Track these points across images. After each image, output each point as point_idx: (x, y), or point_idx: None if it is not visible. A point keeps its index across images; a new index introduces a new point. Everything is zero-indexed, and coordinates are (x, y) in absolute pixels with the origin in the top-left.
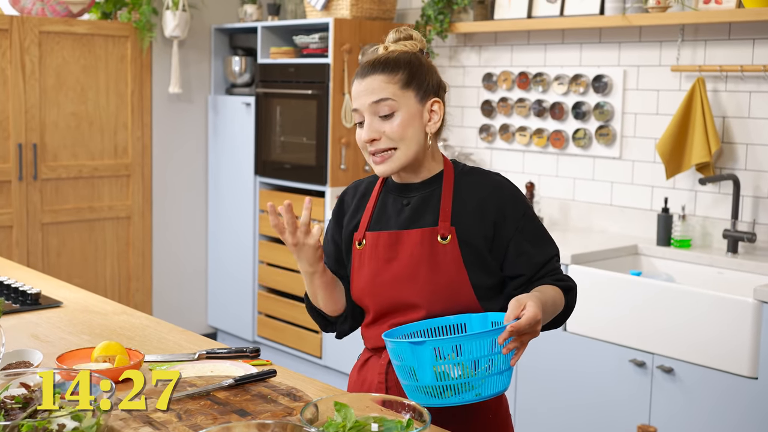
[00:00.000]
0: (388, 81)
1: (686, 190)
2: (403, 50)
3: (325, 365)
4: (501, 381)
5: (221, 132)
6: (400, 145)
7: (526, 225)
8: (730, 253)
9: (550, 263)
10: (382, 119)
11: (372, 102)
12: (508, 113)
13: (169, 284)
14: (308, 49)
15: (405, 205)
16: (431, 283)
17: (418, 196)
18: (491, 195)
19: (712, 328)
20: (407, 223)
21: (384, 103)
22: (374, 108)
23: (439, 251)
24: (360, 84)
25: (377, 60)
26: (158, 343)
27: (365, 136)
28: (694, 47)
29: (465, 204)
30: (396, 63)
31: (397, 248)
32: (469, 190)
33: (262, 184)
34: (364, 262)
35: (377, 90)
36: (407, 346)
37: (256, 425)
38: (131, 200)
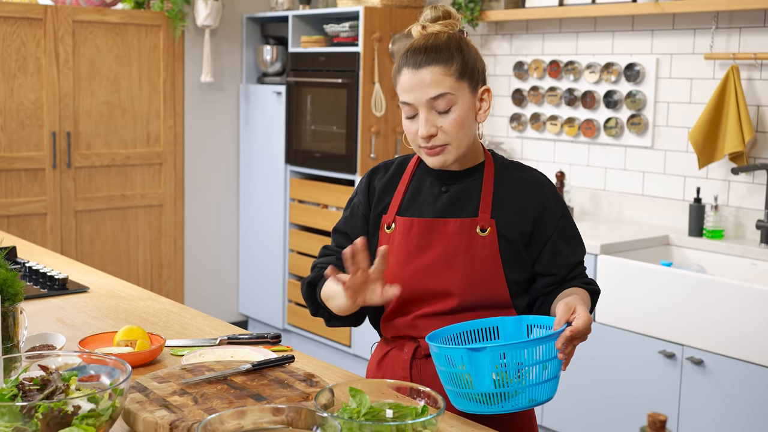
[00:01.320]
0: (445, 73)
1: (719, 179)
2: (446, 32)
3: (354, 353)
4: (553, 386)
5: (252, 121)
6: (456, 140)
7: (565, 226)
8: (763, 244)
9: (580, 266)
10: (440, 114)
11: (431, 98)
12: (539, 102)
13: (200, 272)
14: (339, 38)
15: (443, 191)
16: (467, 273)
17: (459, 185)
18: (533, 191)
19: (744, 321)
20: (445, 211)
21: (442, 99)
22: (432, 103)
23: (477, 243)
24: (414, 75)
25: (429, 47)
26: (180, 329)
27: (424, 131)
28: (728, 35)
29: (506, 198)
30: (449, 51)
31: (432, 236)
32: (511, 184)
33: (293, 173)
34: (393, 247)
35: (435, 84)
36: (465, 353)
37: (271, 409)
38: (163, 188)
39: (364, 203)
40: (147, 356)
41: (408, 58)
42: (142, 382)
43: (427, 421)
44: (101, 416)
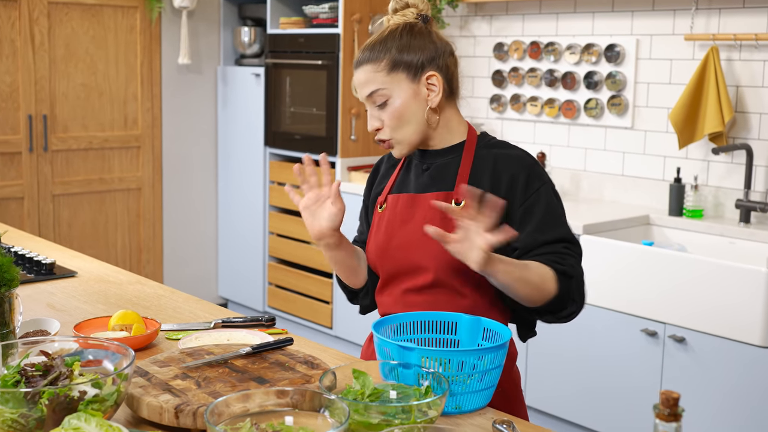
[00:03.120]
0: (375, 70)
1: (699, 160)
2: (399, 23)
3: (337, 335)
4: (483, 397)
5: (231, 103)
6: (399, 131)
7: (538, 200)
8: (742, 223)
9: (552, 245)
10: (380, 108)
11: (366, 95)
12: (519, 83)
13: (179, 255)
14: (318, 19)
15: (425, 170)
16: (442, 247)
17: (438, 163)
18: (509, 167)
19: (725, 298)
20: (424, 187)
21: (376, 94)
22: (370, 99)
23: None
24: (355, 75)
25: (366, 46)
26: (173, 312)
27: (369, 126)
28: (708, 16)
29: (483, 173)
30: (382, 46)
31: (413, 211)
32: (489, 161)
33: (272, 155)
34: (382, 225)
35: (367, 82)
36: (394, 347)
37: (275, 392)
38: (142, 172)
39: (367, 188)
40: (143, 340)
41: (354, 61)
42: (142, 366)
43: (433, 402)
44: (106, 401)
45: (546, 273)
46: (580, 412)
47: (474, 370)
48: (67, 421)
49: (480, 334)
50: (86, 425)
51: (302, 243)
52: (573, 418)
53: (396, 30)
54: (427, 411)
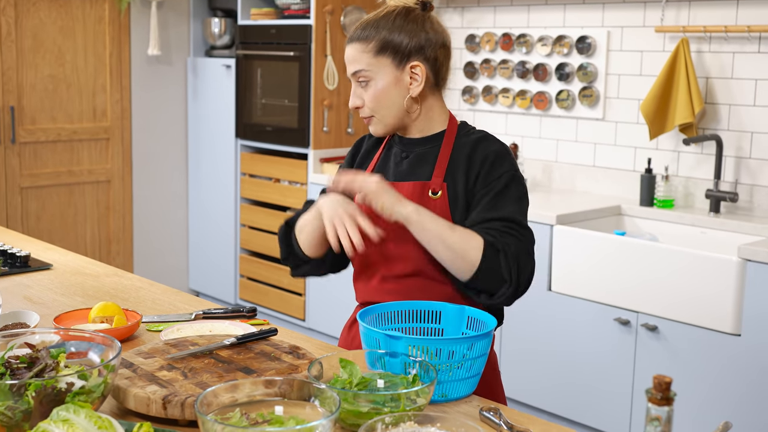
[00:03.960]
0: (362, 50)
1: (669, 150)
2: (398, 5)
3: (309, 327)
4: (469, 385)
5: (201, 94)
6: (378, 113)
7: (498, 184)
8: (712, 213)
9: (495, 222)
10: (362, 87)
11: (351, 73)
12: (491, 75)
13: (150, 248)
14: (290, 10)
15: (404, 158)
16: None
17: (417, 152)
18: (480, 153)
19: (696, 287)
20: (402, 176)
21: (360, 74)
22: (355, 77)
23: (429, 206)
24: (346, 50)
25: (359, 25)
26: (153, 304)
27: (350, 103)
28: (678, 8)
29: (459, 162)
30: (374, 28)
31: None
32: (465, 150)
33: (244, 147)
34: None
35: (354, 60)
36: (381, 336)
37: (263, 382)
38: (111, 164)
39: (348, 162)
40: (125, 332)
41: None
42: (127, 357)
43: (421, 390)
44: (93, 393)
45: (472, 240)
46: (553, 401)
47: (463, 359)
48: (55, 413)
49: (464, 323)
50: (75, 417)
51: (274, 235)
52: (546, 407)
53: (392, 12)
54: (415, 399)
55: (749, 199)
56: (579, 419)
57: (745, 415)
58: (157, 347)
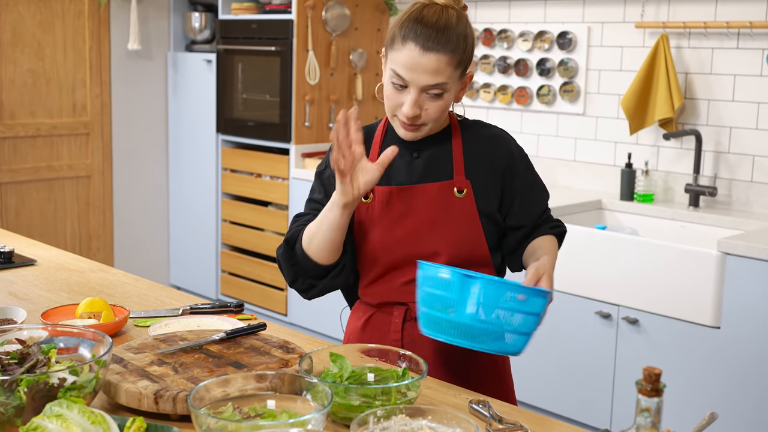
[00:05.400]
0: (448, 63)
1: (649, 145)
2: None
3: (291, 322)
4: (523, 341)
5: (182, 89)
6: (435, 122)
7: (529, 176)
8: (691, 207)
9: (547, 211)
10: (431, 98)
11: (428, 84)
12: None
13: (130, 243)
14: (271, 5)
15: (415, 158)
16: (450, 234)
17: (430, 150)
18: (499, 147)
19: (676, 280)
20: (421, 176)
21: (439, 87)
22: (427, 88)
23: (455, 204)
24: (420, 56)
25: (441, 29)
26: (140, 300)
27: (410, 112)
28: (658, 4)
29: (476, 157)
30: (458, 37)
31: (412, 202)
32: (478, 144)
33: (225, 142)
34: (374, 217)
35: (437, 72)
36: (458, 277)
37: (254, 376)
38: (91, 159)
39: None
40: (113, 328)
41: (418, 35)
42: (117, 353)
43: (412, 383)
44: (84, 388)
45: (553, 245)
46: (535, 393)
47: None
48: (48, 408)
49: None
50: (68, 412)
51: (255, 230)
52: (528, 400)
53: (462, 18)
54: (406, 392)
55: (728, 193)
56: (560, 411)
57: (726, 406)
58: (147, 342)
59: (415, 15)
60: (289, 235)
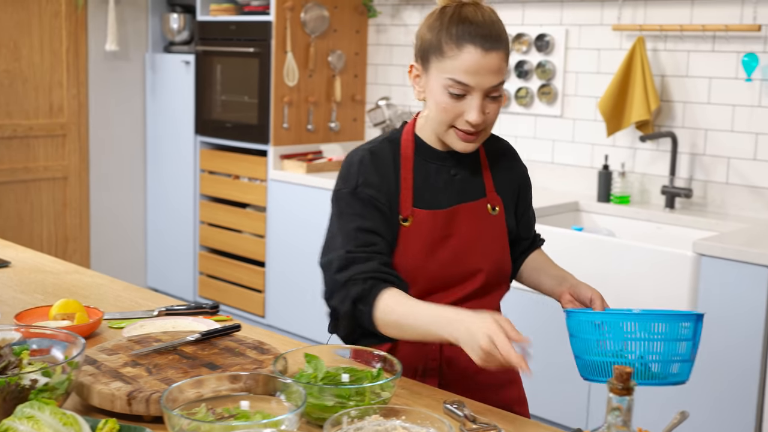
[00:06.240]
0: (505, 59)
1: (626, 147)
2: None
3: (269, 324)
4: (689, 368)
5: (160, 91)
6: (491, 127)
7: (531, 191)
8: (667, 209)
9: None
10: (491, 101)
11: (492, 86)
12: None
13: (107, 245)
14: (249, 6)
15: (453, 175)
16: (489, 250)
17: (464, 167)
18: (514, 163)
19: (652, 281)
20: (460, 196)
21: (500, 87)
22: (490, 90)
23: (490, 222)
24: (483, 57)
25: (494, 28)
26: (115, 301)
27: (478, 118)
28: (635, 7)
29: (499, 172)
30: (505, 34)
31: (453, 223)
32: (499, 160)
33: (203, 144)
34: (411, 240)
35: (500, 71)
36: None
37: (228, 377)
38: (67, 160)
39: (381, 195)
40: (87, 329)
41: (474, 35)
42: (90, 354)
43: (386, 384)
44: (56, 390)
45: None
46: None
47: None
48: (20, 410)
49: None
50: (40, 414)
51: (233, 232)
52: None
53: (495, 15)
54: (380, 393)
55: (703, 194)
56: (537, 412)
57: (699, 405)
58: (121, 344)
59: (458, 17)
60: (356, 294)
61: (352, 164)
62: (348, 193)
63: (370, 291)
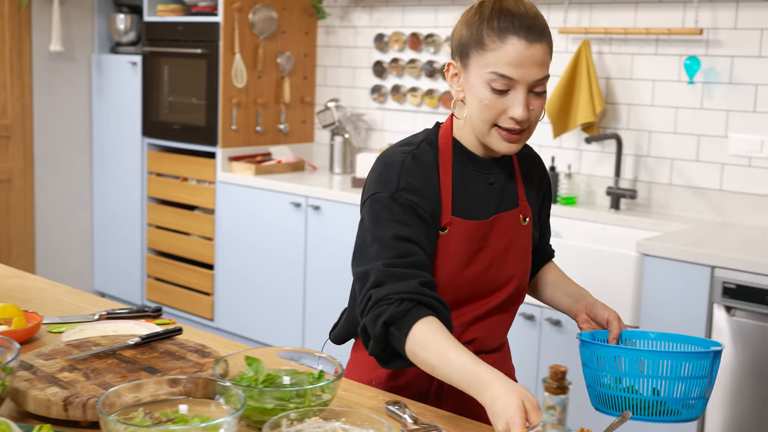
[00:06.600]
0: (548, 52)
1: (572, 149)
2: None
3: (218, 327)
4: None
5: (106, 92)
6: (534, 126)
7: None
8: (613, 210)
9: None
10: (535, 96)
11: (536, 79)
12: (399, 74)
13: (52, 249)
14: (197, 7)
15: (491, 183)
16: (519, 262)
17: (503, 174)
18: (538, 169)
19: (598, 281)
20: (498, 205)
21: (544, 81)
22: (533, 84)
23: (521, 233)
24: (527, 49)
25: (537, 19)
26: (55, 305)
27: (523, 114)
28: (580, 10)
29: (527, 180)
30: (548, 29)
31: (489, 234)
32: (527, 165)
33: (150, 146)
34: (447, 250)
35: (544, 64)
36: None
37: (168, 381)
38: (11, 162)
39: (424, 202)
40: (24, 334)
41: (518, 26)
42: (26, 359)
43: (326, 385)
44: None
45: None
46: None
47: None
48: None
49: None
50: None
51: (182, 234)
52: None
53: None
54: (321, 395)
55: (647, 195)
56: None
57: None
58: (59, 348)
59: (499, 9)
60: (388, 317)
61: (392, 166)
62: (387, 197)
63: (405, 315)
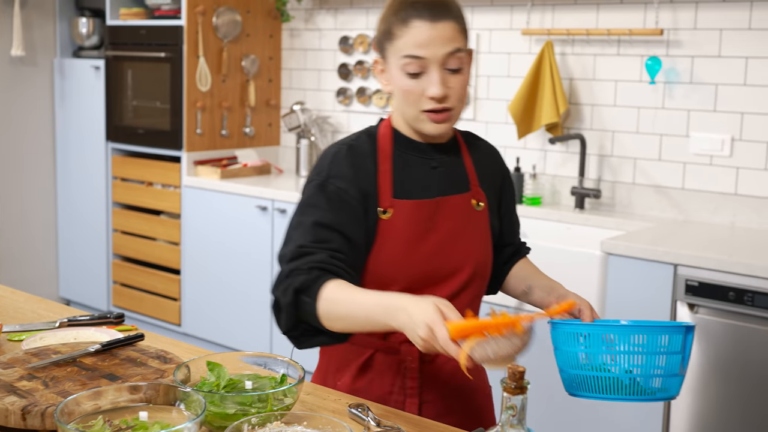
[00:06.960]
0: (460, 30)
1: (536, 149)
2: None
3: (185, 332)
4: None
5: (69, 96)
6: (459, 104)
7: (513, 194)
8: (577, 209)
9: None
10: (452, 73)
11: (447, 53)
12: (364, 76)
13: (15, 257)
14: (160, 11)
15: (434, 167)
16: (472, 247)
17: (447, 159)
18: (496, 161)
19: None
20: (442, 188)
21: (457, 56)
22: (446, 60)
23: (474, 218)
24: (431, 29)
25: (437, 2)
26: (15, 313)
27: (439, 91)
28: (543, 11)
29: (482, 169)
30: (456, 7)
31: (435, 216)
32: (481, 156)
33: (115, 150)
34: (391, 233)
35: (452, 39)
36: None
37: (128, 388)
38: None
39: (353, 188)
40: None
41: (420, 10)
42: None
43: (288, 389)
44: None
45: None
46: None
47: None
48: None
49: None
50: None
51: (147, 239)
52: None
53: None
54: (283, 399)
55: (611, 195)
56: None
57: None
58: (17, 357)
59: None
60: (299, 284)
61: (326, 156)
62: (316, 185)
63: (314, 281)
